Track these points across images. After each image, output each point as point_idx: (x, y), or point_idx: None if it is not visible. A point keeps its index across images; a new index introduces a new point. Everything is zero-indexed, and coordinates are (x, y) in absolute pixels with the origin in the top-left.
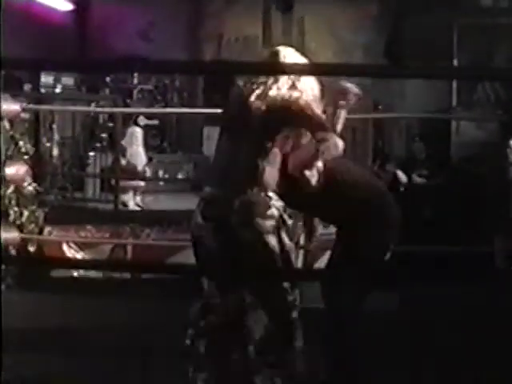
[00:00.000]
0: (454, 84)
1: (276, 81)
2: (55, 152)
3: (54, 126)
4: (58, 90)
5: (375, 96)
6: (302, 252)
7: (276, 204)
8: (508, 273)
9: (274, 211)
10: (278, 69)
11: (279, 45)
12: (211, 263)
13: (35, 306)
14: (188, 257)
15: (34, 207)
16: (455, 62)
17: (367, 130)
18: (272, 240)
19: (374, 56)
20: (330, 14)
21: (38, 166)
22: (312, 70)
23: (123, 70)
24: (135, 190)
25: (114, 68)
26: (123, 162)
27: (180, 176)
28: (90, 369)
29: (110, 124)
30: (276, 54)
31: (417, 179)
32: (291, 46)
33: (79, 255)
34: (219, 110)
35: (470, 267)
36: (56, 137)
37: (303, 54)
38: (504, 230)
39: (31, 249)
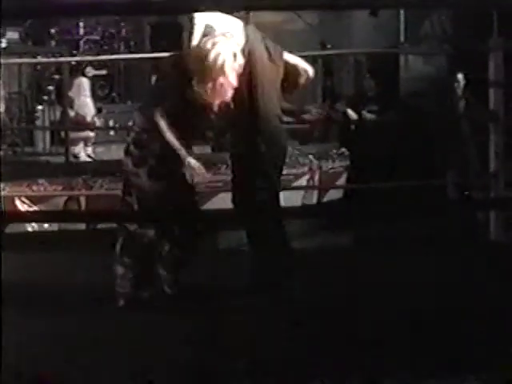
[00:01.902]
0: (401, 20)
1: None
2: (2, 107)
3: (0, 82)
4: (3, 45)
5: (323, 35)
6: None
7: None
8: (460, 205)
9: None
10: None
11: None
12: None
13: None
14: None
15: None
16: None
17: (316, 69)
18: None
19: None
20: None
21: None
22: (260, 4)
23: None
24: (85, 141)
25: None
26: (72, 113)
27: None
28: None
29: (57, 76)
30: None
31: (367, 115)
32: None
33: (33, 210)
34: (167, 55)
35: (422, 201)
36: (2, 92)
37: None
38: (454, 163)
39: None
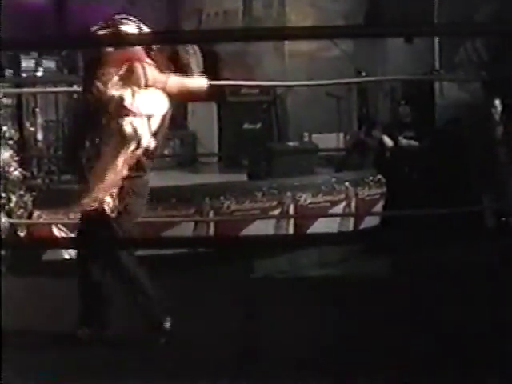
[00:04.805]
0: (436, 47)
1: None
2: (40, 136)
3: (37, 110)
4: (39, 74)
5: (357, 63)
6: None
7: None
8: (496, 231)
9: None
10: (259, 34)
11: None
12: None
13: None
14: (183, 232)
15: (21, 192)
16: None
17: (351, 97)
18: None
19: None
20: None
21: (23, 150)
22: (295, 33)
23: (102, 45)
24: None
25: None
26: None
27: (166, 153)
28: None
29: None
30: None
31: (403, 141)
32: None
33: (69, 237)
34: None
35: (459, 227)
36: (40, 120)
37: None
38: (491, 189)
39: (21, 234)
